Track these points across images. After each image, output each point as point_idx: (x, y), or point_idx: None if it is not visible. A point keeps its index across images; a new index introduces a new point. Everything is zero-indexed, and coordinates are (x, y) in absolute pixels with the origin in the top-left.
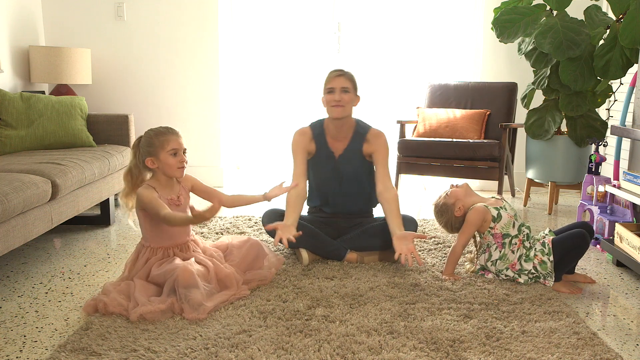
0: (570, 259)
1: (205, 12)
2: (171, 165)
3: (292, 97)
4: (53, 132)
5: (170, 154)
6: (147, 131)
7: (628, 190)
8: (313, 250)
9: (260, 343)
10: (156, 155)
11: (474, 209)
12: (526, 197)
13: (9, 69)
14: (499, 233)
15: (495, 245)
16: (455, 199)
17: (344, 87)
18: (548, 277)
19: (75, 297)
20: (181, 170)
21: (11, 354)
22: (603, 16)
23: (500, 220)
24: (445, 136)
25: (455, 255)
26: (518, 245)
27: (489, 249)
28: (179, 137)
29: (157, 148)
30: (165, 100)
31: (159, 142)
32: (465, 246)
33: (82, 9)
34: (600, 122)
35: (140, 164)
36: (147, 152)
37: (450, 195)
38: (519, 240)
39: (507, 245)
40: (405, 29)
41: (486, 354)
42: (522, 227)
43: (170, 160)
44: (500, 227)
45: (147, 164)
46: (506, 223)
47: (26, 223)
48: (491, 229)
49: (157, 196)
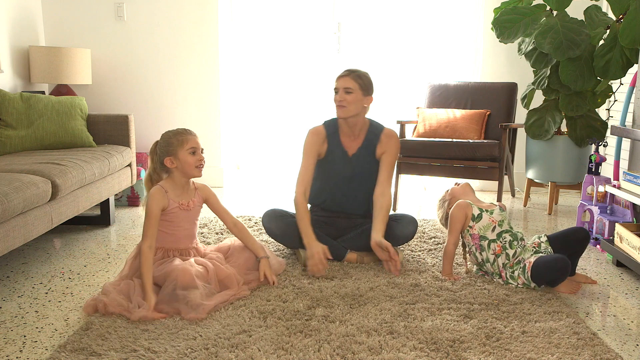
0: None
1: (205, 12)
2: (190, 164)
3: (292, 97)
4: (53, 133)
5: (189, 152)
6: (165, 133)
7: (628, 190)
8: None
9: (260, 343)
10: (175, 154)
11: (456, 204)
12: (526, 197)
13: (9, 69)
14: (477, 234)
15: (474, 246)
16: (452, 196)
17: (346, 88)
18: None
19: (75, 297)
20: (199, 170)
21: (11, 354)
22: (603, 16)
23: (479, 220)
24: (445, 136)
25: (448, 254)
26: (498, 251)
27: (471, 249)
28: (196, 137)
29: (176, 147)
30: (165, 100)
31: (177, 141)
32: (456, 244)
33: (82, 9)
34: (600, 122)
35: (159, 165)
36: (165, 152)
37: (449, 192)
38: (498, 245)
39: (486, 248)
40: (405, 29)
41: (486, 354)
42: (504, 234)
43: (189, 158)
44: (479, 228)
45: (166, 164)
46: (485, 225)
47: (26, 223)
48: (470, 228)
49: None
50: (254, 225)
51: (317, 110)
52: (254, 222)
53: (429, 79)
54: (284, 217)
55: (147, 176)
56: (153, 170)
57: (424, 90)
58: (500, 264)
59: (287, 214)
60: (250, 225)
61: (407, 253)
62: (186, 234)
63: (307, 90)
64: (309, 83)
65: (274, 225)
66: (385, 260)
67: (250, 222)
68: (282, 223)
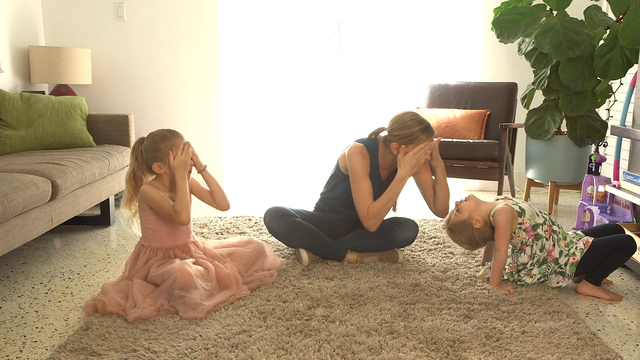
0: (612, 262)
1: (205, 12)
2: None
3: (292, 97)
4: (53, 132)
5: None
6: (151, 135)
7: (628, 190)
8: (313, 250)
9: (260, 343)
10: (163, 160)
11: (499, 211)
12: (526, 197)
13: (9, 69)
14: (529, 226)
15: (530, 239)
16: (468, 212)
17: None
18: (566, 276)
19: (75, 297)
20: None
21: (11, 354)
22: (603, 16)
23: (524, 213)
24: (445, 136)
25: (502, 264)
26: (549, 232)
27: (525, 245)
28: (183, 139)
29: (164, 153)
30: (165, 100)
31: (165, 146)
32: (507, 252)
33: (82, 9)
34: (600, 122)
35: (145, 167)
36: (153, 157)
37: (461, 211)
38: (548, 226)
39: (541, 234)
40: (405, 29)
41: (486, 354)
42: (541, 213)
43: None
44: (528, 220)
45: (154, 169)
46: (530, 214)
47: (26, 223)
48: (521, 225)
49: (163, 195)
50: (254, 225)
51: (317, 110)
52: (254, 222)
53: (429, 79)
54: (286, 216)
55: (130, 174)
56: (138, 168)
57: (424, 90)
58: (551, 243)
59: (289, 213)
60: (251, 225)
61: (407, 253)
62: (183, 228)
63: (307, 90)
64: (309, 83)
65: (275, 224)
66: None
67: (251, 222)
68: (283, 222)
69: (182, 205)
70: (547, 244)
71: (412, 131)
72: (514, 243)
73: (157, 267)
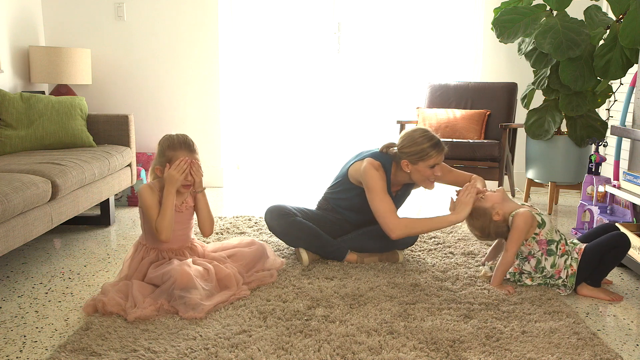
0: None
1: (205, 12)
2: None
3: (292, 97)
4: (53, 132)
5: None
6: (167, 136)
7: (628, 190)
8: (313, 250)
9: (260, 343)
10: (163, 166)
11: (521, 214)
12: (526, 197)
13: (9, 69)
14: (544, 239)
15: (540, 252)
16: (491, 202)
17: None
18: (567, 288)
19: (75, 297)
20: (187, 187)
21: (11, 354)
22: (603, 16)
23: (544, 226)
24: (445, 136)
25: (507, 265)
26: (563, 250)
27: (531, 256)
28: (191, 152)
29: (165, 160)
30: (165, 100)
31: (167, 154)
32: (515, 255)
33: (82, 9)
34: (600, 122)
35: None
36: (157, 160)
37: (486, 199)
38: (562, 244)
39: (555, 251)
40: (405, 29)
41: (486, 354)
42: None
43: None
44: (545, 233)
45: (157, 172)
46: (549, 229)
47: (26, 223)
48: (536, 235)
49: (156, 202)
50: (254, 225)
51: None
52: (254, 222)
53: (429, 79)
54: (287, 215)
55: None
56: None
57: (424, 90)
58: (563, 262)
59: (290, 212)
60: (251, 225)
61: (407, 253)
62: (179, 234)
63: (307, 90)
64: (309, 83)
65: (276, 223)
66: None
67: (251, 222)
68: (284, 221)
69: (163, 224)
70: (559, 262)
71: (422, 147)
72: (522, 250)
73: (155, 268)
